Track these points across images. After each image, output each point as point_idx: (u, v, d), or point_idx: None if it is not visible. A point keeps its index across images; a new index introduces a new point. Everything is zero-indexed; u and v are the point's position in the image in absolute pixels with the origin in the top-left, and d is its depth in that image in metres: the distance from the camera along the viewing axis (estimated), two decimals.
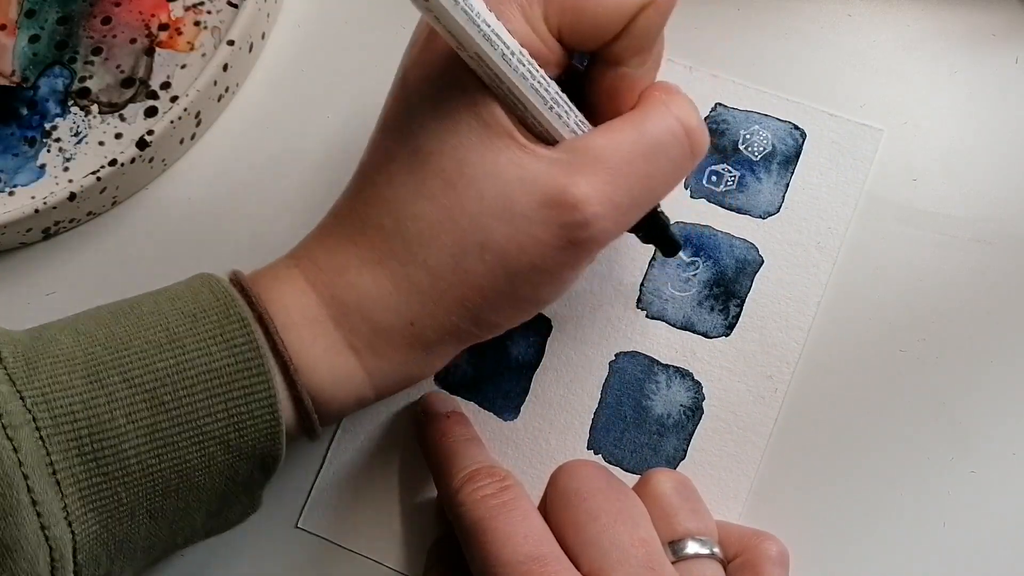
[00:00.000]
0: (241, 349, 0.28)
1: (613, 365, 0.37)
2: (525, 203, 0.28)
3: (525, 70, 0.28)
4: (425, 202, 0.29)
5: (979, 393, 0.36)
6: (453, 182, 0.29)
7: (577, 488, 0.31)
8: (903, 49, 0.40)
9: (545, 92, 0.29)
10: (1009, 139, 0.39)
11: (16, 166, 0.41)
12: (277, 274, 0.31)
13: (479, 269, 0.29)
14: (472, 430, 0.36)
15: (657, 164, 0.30)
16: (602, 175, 0.29)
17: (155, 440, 0.27)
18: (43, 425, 0.26)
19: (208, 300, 0.29)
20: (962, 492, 0.35)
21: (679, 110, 0.30)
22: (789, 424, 0.36)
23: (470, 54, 0.27)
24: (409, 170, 0.29)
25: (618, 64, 0.30)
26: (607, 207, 0.29)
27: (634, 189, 0.29)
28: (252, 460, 0.29)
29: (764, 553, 0.32)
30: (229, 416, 0.28)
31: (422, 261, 0.29)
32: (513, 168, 0.29)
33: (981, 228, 0.38)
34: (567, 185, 0.28)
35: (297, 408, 0.30)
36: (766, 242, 0.38)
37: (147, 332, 0.28)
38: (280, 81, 0.43)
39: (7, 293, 0.40)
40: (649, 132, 0.30)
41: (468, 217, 0.29)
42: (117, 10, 0.43)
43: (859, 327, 0.37)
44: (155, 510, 0.28)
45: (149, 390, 0.27)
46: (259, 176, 0.41)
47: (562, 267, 0.30)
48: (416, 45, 0.30)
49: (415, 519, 0.37)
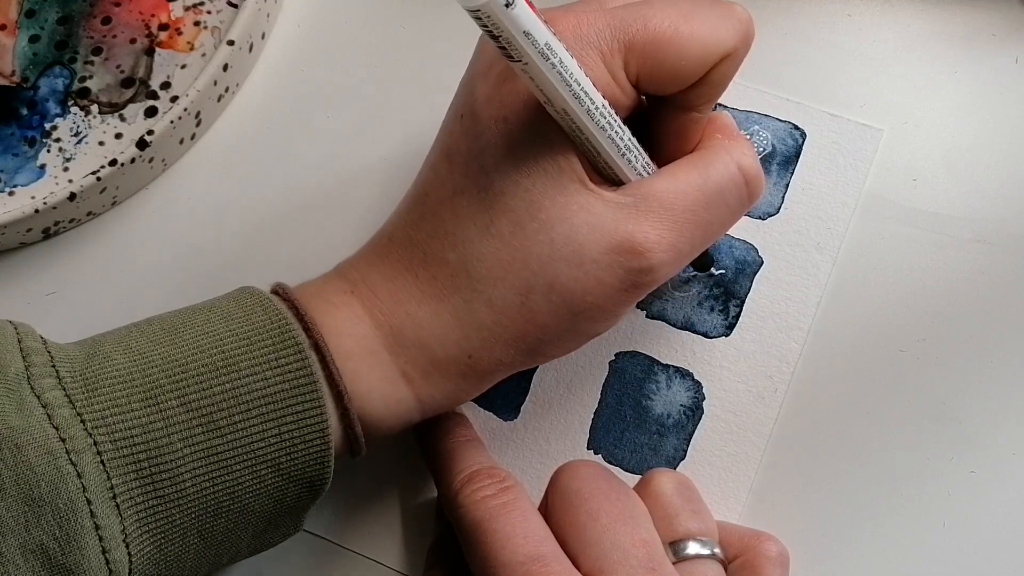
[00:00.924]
0: (296, 375, 0.28)
1: (613, 365, 0.37)
2: (593, 248, 0.29)
3: (606, 123, 0.28)
4: (494, 241, 0.29)
5: (979, 393, 0.36)
6: (523, 224, 0.29)
7: (578, 488, 0.31)
8: (903, 49, 0.40)
9: (620, 140, 0.29)
10: (1009, 139, 0.39)
11: (16, 166, 0.41)
12: (332, 300, 0.31)
13: (544, 309, 0.30)
14: (472, 430, 0.36)
15: (717, 210, 0.31)
16: (667, 222, 0.29)
17: (210, 463, 0.28)
18: (104, 450, 0.27)
19: (262, 322, 0.29)
20: (962, 492, 0.35)
21: (741, 157, 0.31)
22: (789, 424, 0.36)
23: (556, 109, 0.28)
24: (479, 207, 0.29)
25: (689, 109, 0.30)
26: (670, 254, 0.30)
27: (695, 236, 0.30)
28: (301, 483, 0.29)
29: (764, 553, 0.32)
30: (281, 440, 0.28)
31: (487, 299, 0.30)
32: (583, 213, 0.29)
33: (981, 228, 0.38)
34: (635, 232, 0.29)
35: (346, 433, 0.30)
36: (766, 242, 0.38)
37: (203, 355, 0.28)
38: (280, 81, 0.43)
39: (7, 293, 0.40)
40: (712, 180, 0.30)
41: (536, 259, 0.29)
42: (117, 10, 0.43)
43: (859, 327, 0.37)
44: (206, 530, 0.28)
45: (205, 414, 0.28)
46: (259, 176, 0.41)
47: (620, 305, 0.30)
48: (489, 80, 0.30)
49: (415, 519, 0.37)
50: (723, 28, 0.29)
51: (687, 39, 0.28)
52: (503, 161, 0.29)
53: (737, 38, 0.29)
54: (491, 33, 0.25)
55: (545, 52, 0.26)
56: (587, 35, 0.28)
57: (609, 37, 0.29)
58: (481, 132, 0.30)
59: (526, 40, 0.25)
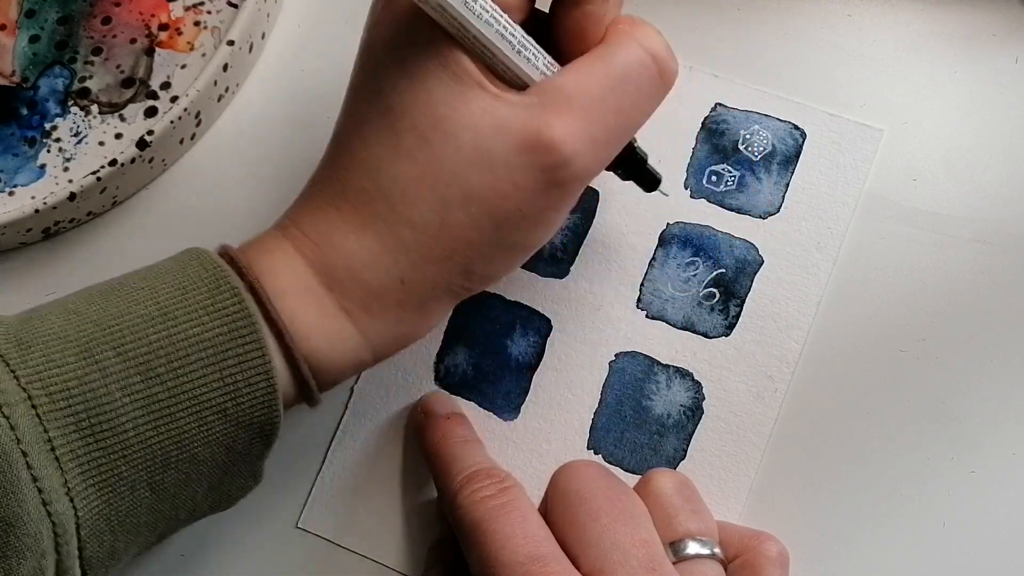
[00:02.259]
0: (233, 318, 0.28)
1: (613, 365, 0.37)
2: (502, 150, 0.29)
3: (490, 16, 0.28)
4: (402, 160, 0.29)
5: (979, 393, 0.36)
6: (428, 137, 0.29)
7: (578, 488, 0.31)
8: (903, 49, 0.40)
9: (512, 37, 0.29)
10: (1009, 139, 0.39)
11: (16, 166, 0.41)
12: (266, 245, 0.31)
13: (464, 221, 0.29)
14: (472, 431, 0.36)
15: (628, 95, 0.30)
16: (576, 113, 0.29)
17: (152, 412, 0.28)
18: (39, 403, 0.27)
19: (197, 272, 0.29)
20: (962, 492, 0.35)
21: (645, 39, 0.30)
22: (789, 424, 0.36)
23: (432, 6, 0.27)
24: (383, 130, 0.29)
25: (582, 3, 0.30)
26: (584, 144, 0.29)
27: (609, 122, 0.30)
28: (250, 429, 0.29)
29: (764, 553, 0.32)
30: (224, 385, 0.28)
31: (407, 219, 0.29)
32: (487, 117, 0.29)
33: (981, 228, 0.38)
34: (542, 127, 0.29)
35: (295, 375, 0.30)
36: (766, 242, 0.38)
37: (138, 307, 0.28)
38: (280, 81, 0.43)
39: (7, 293, 0.40)
40: (617, 64, 0.30)
41: (447, 171, 0.29)
42: (117, 10, 0.43)
43: (859, 327, 0.37)
44: (156, 483, 0.28)
45: (143, 363, 0.27)
46: (259, 176, 0.41)
47: (546, 209, 0.30)
48: (378, 5, 0.30)
49: (415, 519, 0.37)
50: None
51: None
52: (398, 78, 0.29)
53: None
54: None
55: None
56: None
57: None
58: (374, 55, 0.30)
59: None
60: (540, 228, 0.31)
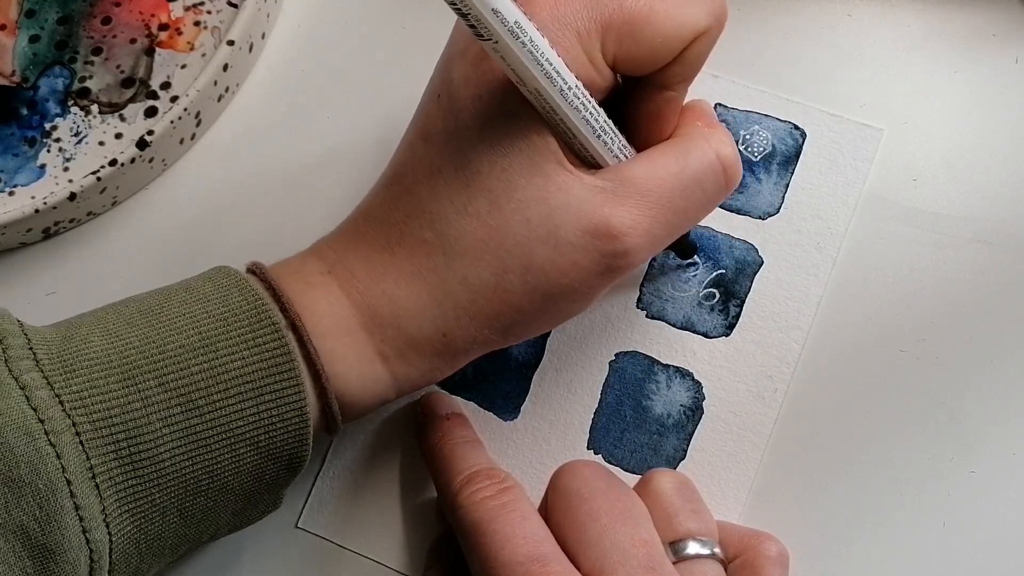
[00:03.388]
0: (273, 354, 0.29)
1: (613, 365, 0.37)
2: (570, 229, 0.29)
3: (580, 103, 0.28)
4: (471, 220, 0.29)
5: (979, 393, 0.36)
6: (500, 204, 0.29)
7: (578, 488, 0.31)
8: (903, 49, 0.40)
9: (595, 122, 0.29)
10: (1009, 139, 0.39)
11: (16, 166, 0.41)
12: (309, 280, 0.31)
13: (519, 289, 0.30)
14: (472, 431, 0.36)
15: (695, 198, 0.31)
16: (644, 207, 0.30)
17: (188, 442, 0.28)
18: (83, 430, 0.27)
19: (238, 303, 0.29)
20: (962, 492, 0.35)
21: (719, 145, 0.31)
22: (789, 424, 0.36)
23: (529, 89, 0.28)
24: (456, 187, 0.30)
25: (664, 88, 0.30)
26: (646, 239, 0.30)
27: (671, 221, 0.30)
28: (279, 461, 0.29)
29: (764, 553, 0.32)
30: (260, 419, 0.28)
31: (462, 277, 0.30)
32: (560, 194, 0.29)
33: (981, 228, 0.38)
34: (610, 216, 0.29)
35: (324, 412, 0.30)
36: (766, 242, 0.38)
37: (180, 336, 0.28)
38: (280, 81, 0.43)
39: (7, 293, 0.40)
40: (690, 167, 0.30)
41: (512, 239, 0.29)
42: (117, 10, 0.43)
43: (859, 327, 0.37)
44: (185, 509, 0.29)
45: (183, 393, 0.28)
46: (259, 176, 0.41)
47: (595, 288, 0.31)
48: (465, 61, 0.30)
49: (415, 519, 0.37)
50: (697, 7, 0.29)
51: (662, 18, 0.28)
52: (480, 140, 0.29)
53: (711, 17, 0.29)
54: (459, 11, 0.25)
55: (515, 31, 0.26)
56: (564, 16, 0.29)
57: (586, 18, 0.29)
58: (458, 111, 0.30)
59: (495, 18, 0.25)
60: (582, 303, 0.31)
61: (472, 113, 0.29)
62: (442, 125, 0.30)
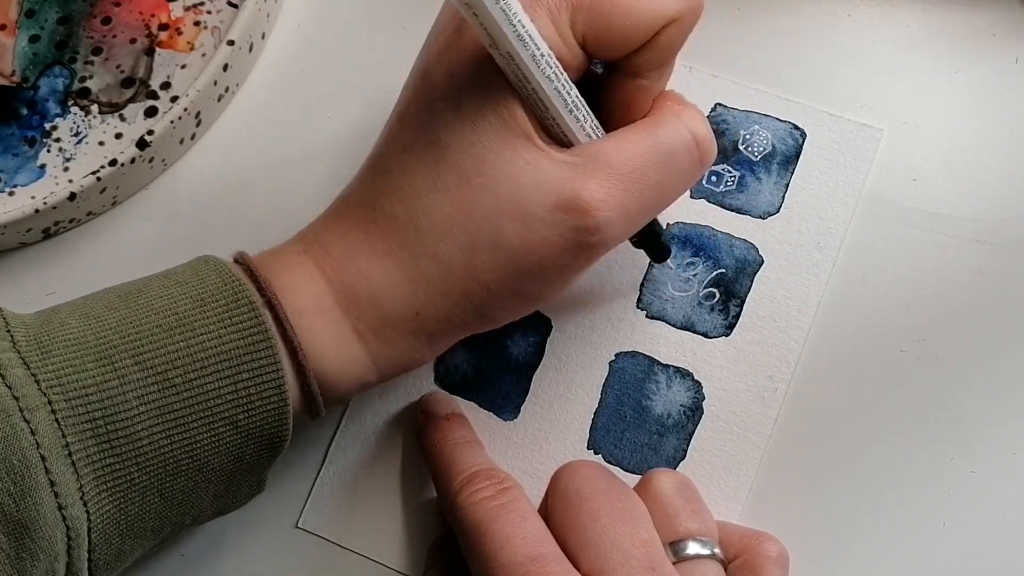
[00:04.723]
0: (250, 332, 0.29)
1: (613, 365, 0.37)
2: (539, 204, 0.29)
3: (552, 72, 0.28)
4: (440, 195, 0.29)
5: (979, 393, 0.36)
6: (469, 178, 0.29)
7: (578, 489, 0.31)
8: (903, 49, 0.40)
9: (567, 96, 0.29)
10: (1009, 139, 0.39)
11: (16, 166, 0.41)
12: (286, 259, 0.31)
13: (488, 265, 0.30)
14: (471, 432, 0.36)
15: (667, 172, 0.30)
16: (615, 181, 0.29)
17: (166, 420, 0.28)
18: (58, 408, 0.27)
19: (215, 284, 0.29)
20: (962, 492, 0.35)
21: (690, 121, 0.31)
22: (789, 424, 0.36)
23: (501, 52, 0.28)
24: (426, 162, 0.30)
25: (636, 75, 0.30)
26: (617, 213, 0.29)
27: (644, 196, 0.30)
28: (260, 441, 0.29)
29: (764, 554, 0.32)
30: (238, 397, 0.29)
31: (432, 253, 0.30)
32: (529, 169, 0.29)
33: (981, 228, 0.38)
34: (580, 190, 0.29)
35: (303, 392, 0.30)
36: (766, 242, 0.38)
37: (156, 316, 0.28)
38: (280, 81, 0.43)
39: (7, 293, 0.40)
40: (661, 141, 0.30)
41: (481, 214, 0.29)
42: (117, 10, 0.43)
43: (859, 327, 0.37)
44: (165, 489, 0.29)
45: (160, 372, 0.28)
46: (259, 176, 0.41)
47: (567, 268, 0.30)
48: (440, 39, 0.30)
49: (415, 519, 0.37)
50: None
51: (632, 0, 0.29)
52: (451, 115, 0.29)
53: (682, 4, 0.29)
54: None
55: None
56: None
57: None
58: (431, 88, 0.30)
59: None
60: (556, 284, 0.31)
61: (444, 90, 0.30)
62: (415, 104, 0.30)
